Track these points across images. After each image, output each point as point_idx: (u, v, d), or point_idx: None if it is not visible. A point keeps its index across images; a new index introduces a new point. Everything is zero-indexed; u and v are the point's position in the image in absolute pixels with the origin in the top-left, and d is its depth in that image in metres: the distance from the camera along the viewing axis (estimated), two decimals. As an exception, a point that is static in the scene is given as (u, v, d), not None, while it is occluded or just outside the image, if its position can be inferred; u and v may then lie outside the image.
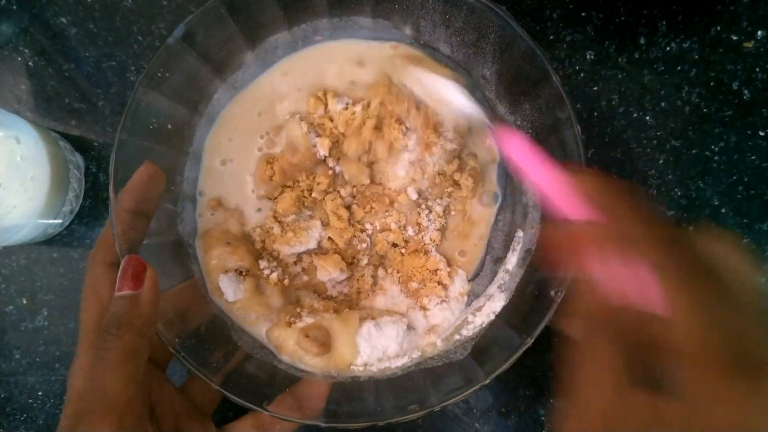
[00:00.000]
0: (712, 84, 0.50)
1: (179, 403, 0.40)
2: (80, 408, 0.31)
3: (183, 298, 0.42)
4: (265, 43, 0.45)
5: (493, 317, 0.42)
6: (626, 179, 0.51)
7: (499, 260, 0.46)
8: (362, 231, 0.47)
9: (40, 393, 0.52)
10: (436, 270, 0.46)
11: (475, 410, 0.51)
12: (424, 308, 0.46)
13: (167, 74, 0.39)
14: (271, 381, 0.40)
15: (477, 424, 0.51)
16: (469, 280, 0.47)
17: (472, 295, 0.46)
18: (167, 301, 0.39)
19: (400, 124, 0.44)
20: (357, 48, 0.47)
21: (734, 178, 0.50)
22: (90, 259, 0.39)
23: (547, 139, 0.41)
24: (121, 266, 0.35)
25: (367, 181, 0.46)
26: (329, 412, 0.38)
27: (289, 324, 0.43)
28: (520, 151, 0.34)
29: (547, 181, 0.32)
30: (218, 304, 0.44)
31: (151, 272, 0.35)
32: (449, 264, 0.46)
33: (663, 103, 0.50)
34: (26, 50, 0.53)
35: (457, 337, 0.43)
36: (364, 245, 0.47)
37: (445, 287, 0.45)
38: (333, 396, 0.40)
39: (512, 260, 0.45)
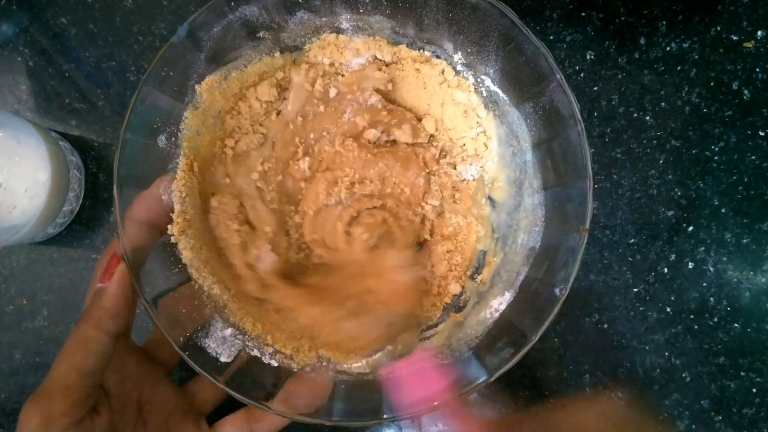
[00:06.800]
0: (712, 84, 0.50)
1: (173, 401, 0.40)
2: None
3: (186, 297, 0.42)
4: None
5: (497, 315, 0.42)
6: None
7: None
8: None
9: (39, 394, 0.52)
10: None
11: (474, 410, 0.51)
12: None
13: (171, 73, 0.39)
14: (274, 379, 0.40)
15: (478, 424, 0.51)
16: None
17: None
18: (172, 300, 0.39)
19: None
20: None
21: (734, 178, 0.50)
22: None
23: (550, 137, 0.41)
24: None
25: None
26: (332, 410, 0.38)
27: None
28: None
29: None
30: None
31: (121, 267, 0.36)
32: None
33: (663, 103, 0.51)
34: (26, 50, 0.53)
35: (461, 334, 0.43)
36: None
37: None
38: (336, 394, 0.40)
39: (516, 259, 0.44)
